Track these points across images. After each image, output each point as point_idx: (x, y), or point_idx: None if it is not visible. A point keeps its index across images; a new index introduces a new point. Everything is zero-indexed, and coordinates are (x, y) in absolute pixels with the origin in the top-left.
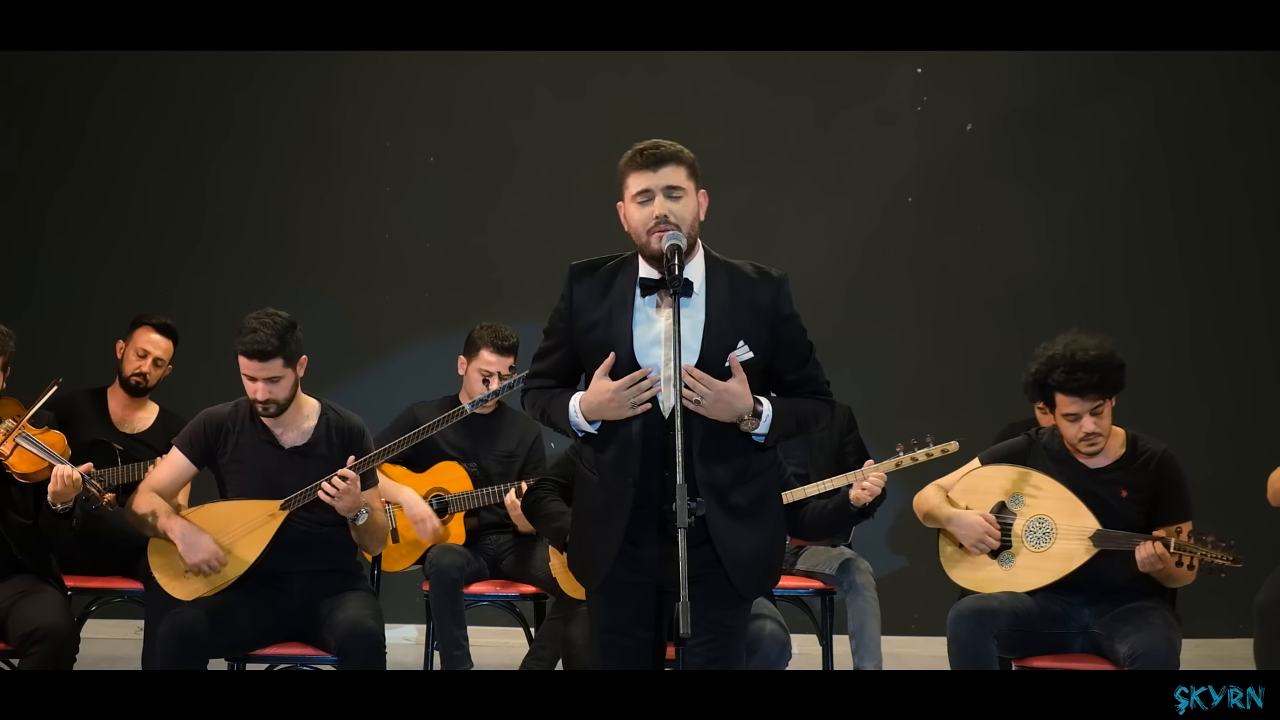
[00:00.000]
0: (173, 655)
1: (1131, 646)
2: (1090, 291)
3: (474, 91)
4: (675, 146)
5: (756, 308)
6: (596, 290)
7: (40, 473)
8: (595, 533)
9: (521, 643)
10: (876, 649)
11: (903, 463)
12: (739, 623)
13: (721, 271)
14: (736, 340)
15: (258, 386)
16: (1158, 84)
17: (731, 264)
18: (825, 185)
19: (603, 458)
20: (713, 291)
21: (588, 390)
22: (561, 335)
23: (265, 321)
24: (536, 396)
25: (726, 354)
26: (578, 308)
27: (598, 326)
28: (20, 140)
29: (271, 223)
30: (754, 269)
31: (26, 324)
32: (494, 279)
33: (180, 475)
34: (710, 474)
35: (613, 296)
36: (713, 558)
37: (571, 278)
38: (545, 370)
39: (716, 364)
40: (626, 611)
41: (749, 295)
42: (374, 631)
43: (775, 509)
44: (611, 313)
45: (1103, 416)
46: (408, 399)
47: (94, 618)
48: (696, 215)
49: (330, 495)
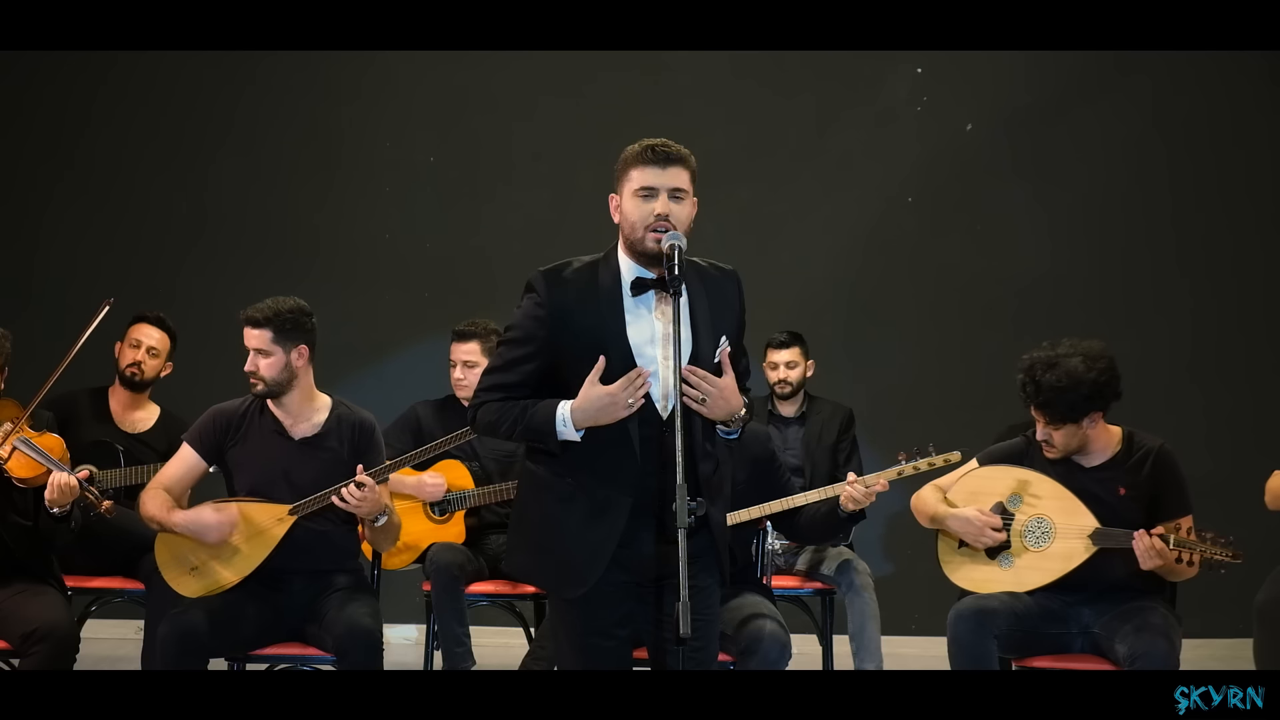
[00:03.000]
0: (173, 656)
1: (1131, 646)
2: (1090, 291)
3: (474, 92)
4: (683, 149)
5: (727, 303)
6: (578, 294)
7: (38, 478)
8: (578, 541)
9: (521, 643)
10: (876, 649)
11: (904, 471)
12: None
13: (693, 271)
14: (719, 336)
15: (250, 359)
16: (1157, 84)
17: (693, 261)
18: (826, 185)
19: (593, 464)
20: (692, 290)
21: (580, 397)
22: (539, 344)
23: (274, 299)
24: (504, 409)
25: (714, 350)
26: (559, 314)
27: (589, 330)
28: (20, 140)
29: (271, 223)
30: (712, 266)
31: (25, 324)
32: (494, 279)
33: (190, 471)
34: (705, 470)
35: (601, 298)
36: (710, 552)
37: (547, 284)
38: (516, 381)
39: (706, 361)
40: (607, 613)
41: (719, 292)
42: (371, 631)
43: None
44: (603, 315)
45: (1060, 432)
46: (408, 399)
47: (94, 618)
48: (690, 221)
49: (350, 503)
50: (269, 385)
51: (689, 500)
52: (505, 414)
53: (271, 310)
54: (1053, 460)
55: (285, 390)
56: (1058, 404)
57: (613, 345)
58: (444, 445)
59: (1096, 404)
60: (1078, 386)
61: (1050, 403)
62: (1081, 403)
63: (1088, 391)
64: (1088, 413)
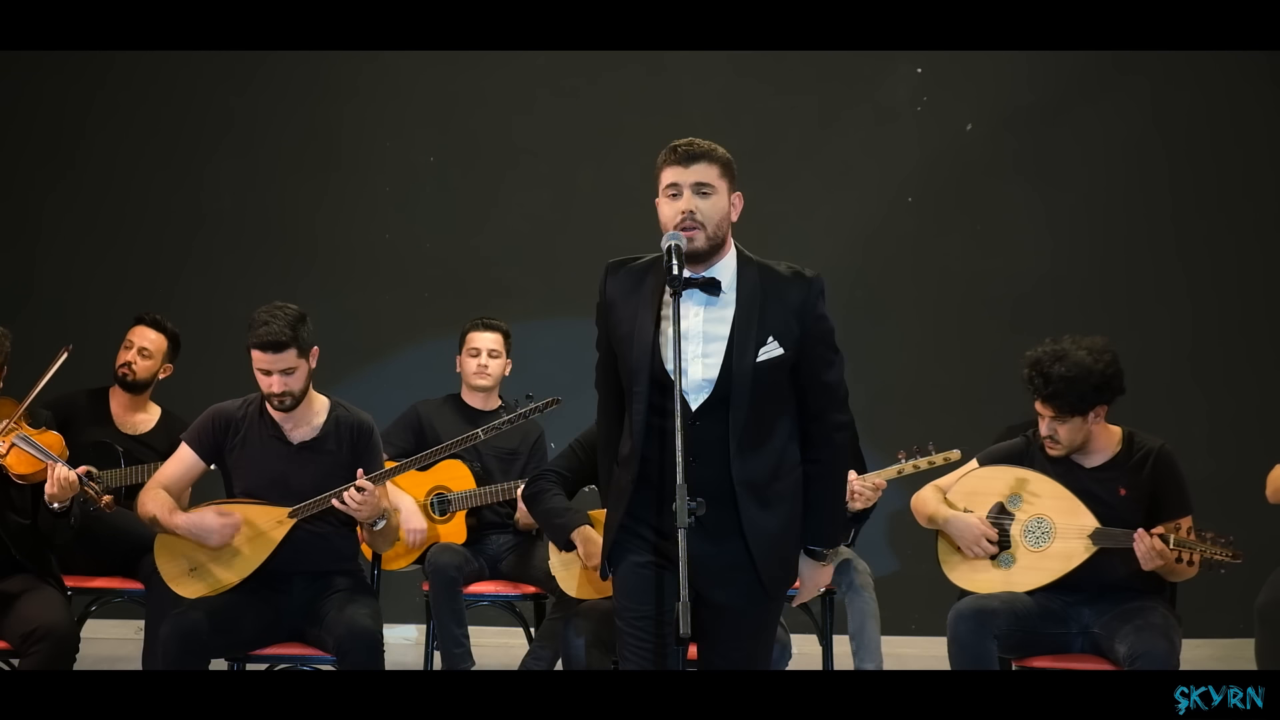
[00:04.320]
0: (174, 656)
1: (1131, 646)
2: (1091, 290)
3: (474, 91)
4: (710, 145)
5: (787, 305)
6: (627, 286)
7: (38, 474)
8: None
9: (521, 643)
10: (876, 649)
11: (904, 470)
12: (770, 618)
13: (753, 270)
14: (765, 337)
15: (273, 380)
16: (1157, 83)
17: (765, 264)
18: (826, 185)
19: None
20: (743, 289)
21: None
22: (601, 331)
23: (276, 314)
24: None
25: (754, 352)
26: (610, 303)
27: (624, 322)
28: (19, 140)
29: (271, 223)
30: (788, 268)
31: (24, 323)
32: (494, 279)
33: (189, 471)
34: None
35: (641, 293)
36: (744, 556)
37: (607, 273)
38: (601, 380)
39: (745, 362)
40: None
41: (779, 293)
42: (372, 631)
43: (799, 505)
44: (638, 310)
45: (1065, 426)
46: (408, 399)
47: (94, 618)
48: (726, 215)
49: (351, 506)
50: (297, 399)
51: (689, 500)
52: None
53: (288, 328)
54: (1053, 460)
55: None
56: (1067, 395)
57: (640, 340)
58: (449, 449)
59: (1104, 396)
60: (1087, 377)
61: (1060, 394)
62: (1090, 394)
63: (1096, 382)
64: (1095, 405)
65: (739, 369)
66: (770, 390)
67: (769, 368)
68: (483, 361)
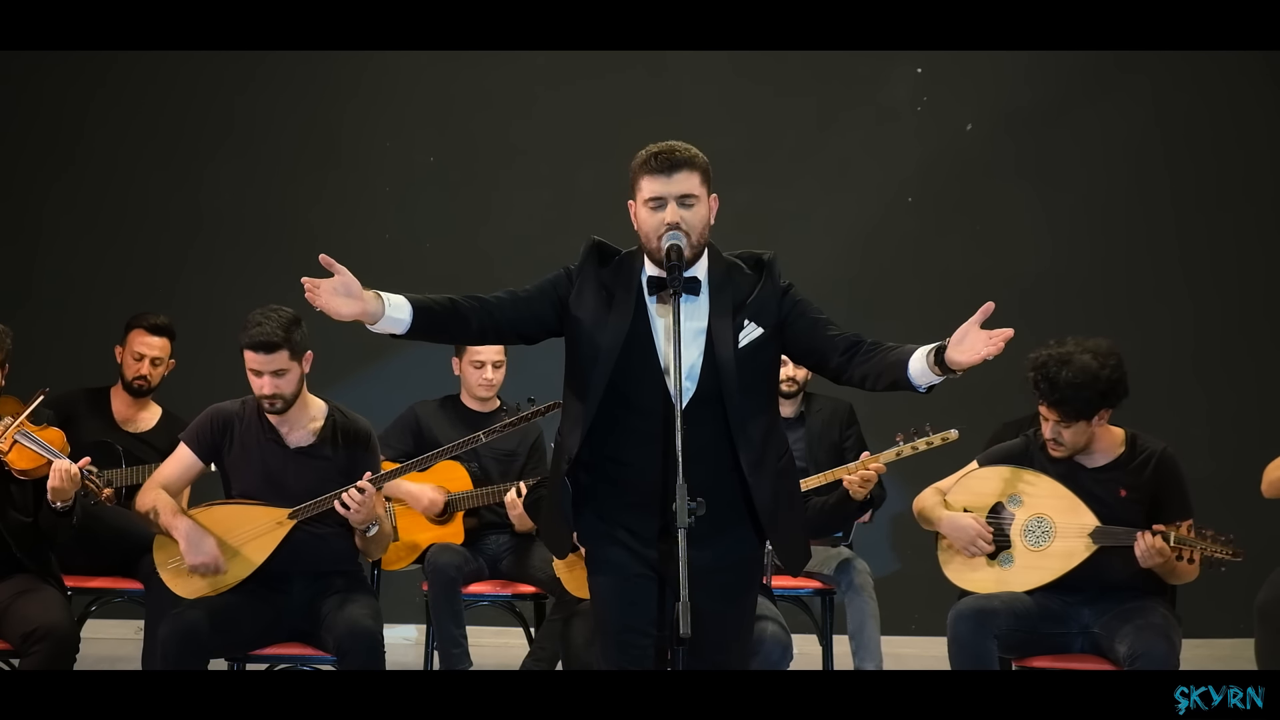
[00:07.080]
0: (174, 656)
1: (1131, 646)
2: (1091, 290)
3: (474, 91)
4: (689, 151)
5: (755, 293)
6: (600, 274)
7: (39, 469)
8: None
9: (521, 643)
10: (876, 649)
11: (903, 452)
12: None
13: (722, 267)
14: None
15: (264, 381)
16: (1158, 83)
17: (729, 259)
18: (826, 185)
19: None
20: (713, 282)
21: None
22: (550, 291)
23: (270, 315)
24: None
25: (732, 345)
26: (581, 281)
27: (585, 310)
28: (19, 139)
29: (271, 222)
30: (745, 259)
31: (24, 322)
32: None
33: (187, 471)
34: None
35: (607, 287)
36: (742, 548)
37: (587, 253)
38: (508, 297)
39: (724, 355)
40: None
41: (747, 284)
42: (372, 631)
43: (794, 484)
44: (597, 304)
45: (1070, 429)
46: (407, 399)
47: (94, 618)
48: (707, 221)
49: (348, 508)
50: (288, 401)
51: (689, 500)
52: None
53: (280, 329)
54: (1054, 460)
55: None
56: (1073, 400)
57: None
58: (450, 451)
59: (1109, 400)
60: (1093, 383)
61: (1066, 399)
62: (1096, 399)
63: (1102, 388)
64: (1100, 409)
65: (723, 358)
66: (754, 377)
67: (753, 349)
68: (488, 375)
